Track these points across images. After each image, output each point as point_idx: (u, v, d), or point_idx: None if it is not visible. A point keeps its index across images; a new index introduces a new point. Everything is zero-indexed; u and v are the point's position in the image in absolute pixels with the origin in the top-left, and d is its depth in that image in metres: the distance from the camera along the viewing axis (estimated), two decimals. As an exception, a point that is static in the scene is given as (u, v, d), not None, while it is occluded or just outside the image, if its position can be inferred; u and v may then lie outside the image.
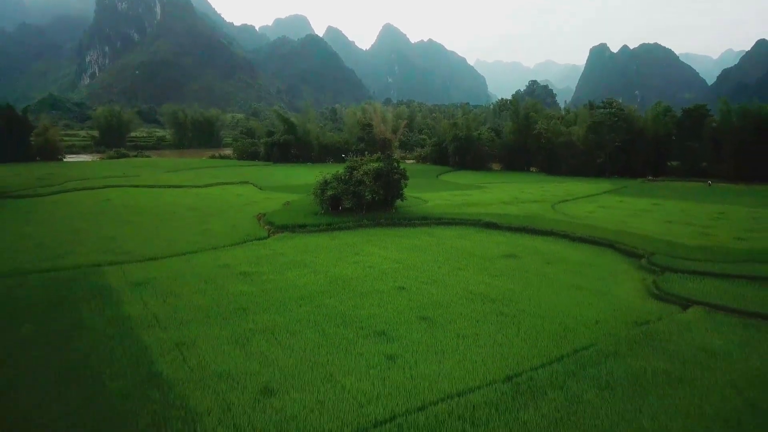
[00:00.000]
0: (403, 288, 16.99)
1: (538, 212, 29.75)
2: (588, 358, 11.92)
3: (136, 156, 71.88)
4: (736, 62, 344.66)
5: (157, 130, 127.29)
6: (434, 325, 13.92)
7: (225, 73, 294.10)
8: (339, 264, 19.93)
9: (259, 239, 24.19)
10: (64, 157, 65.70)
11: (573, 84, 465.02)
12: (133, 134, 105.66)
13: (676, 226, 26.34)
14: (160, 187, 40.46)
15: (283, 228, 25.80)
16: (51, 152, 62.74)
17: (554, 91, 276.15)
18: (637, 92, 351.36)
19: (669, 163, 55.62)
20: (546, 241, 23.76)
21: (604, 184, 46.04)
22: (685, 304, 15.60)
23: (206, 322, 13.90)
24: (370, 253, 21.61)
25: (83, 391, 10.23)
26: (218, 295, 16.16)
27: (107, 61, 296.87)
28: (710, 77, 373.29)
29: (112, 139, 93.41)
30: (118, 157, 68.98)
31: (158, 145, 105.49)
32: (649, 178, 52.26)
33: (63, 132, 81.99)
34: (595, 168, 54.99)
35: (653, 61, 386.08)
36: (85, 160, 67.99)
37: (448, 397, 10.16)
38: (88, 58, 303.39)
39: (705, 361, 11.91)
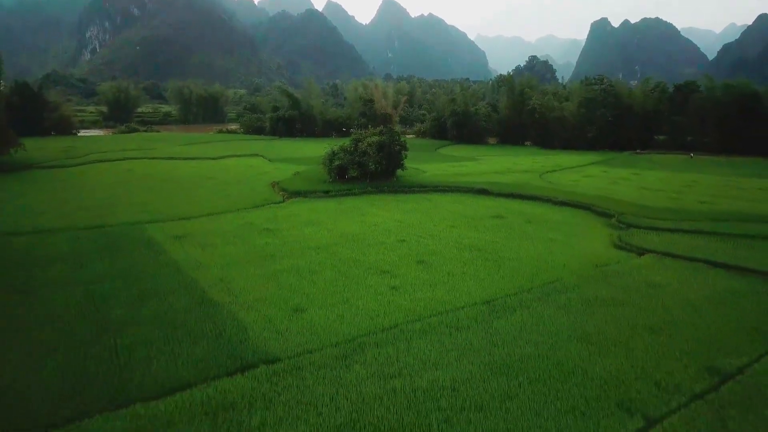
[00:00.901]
0: (404, 240, 19.82)
1: (527, 181, 32.44)
2: (552, 289, 14.79)
3: (146, 131, 74.16)
4: (738, 37, 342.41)
5: (162, 105, 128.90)
6: (429, 266, 16.78)
7: (225, 49, 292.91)
8: (347, 223, 22.73)
9: (275, 203, 26.98)
10: (78, 132, 68.03)
11: (574, 59, 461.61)
12: (139, 110, 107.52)
13: (650, 192, 29.08)
14: (176, 159, 43.06)
15: (296, 194, 28.57)
16: (65, 127, 65.04)
17: (554, 67, 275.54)
18: (637, 67, 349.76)
19: (656, 137, 58.01)
20: (530, 204, 26.53)
21: (592, 157, 48.63)
22: (641, 252, 18.44)
23: (241, 265, 16.74)
24: (374, 215, 24.40)
25: (157, 307, 13.12)
26: (247, 245, 18.99)
27: (108, 37, 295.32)
28: (712, 52, 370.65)
29: (120, 114, 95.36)
30: (129, 132, 71.29)
31: (164, 120, 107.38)
32: (638, 151, 54.73)
33: (73, 108, 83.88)
34: (586, 142, 57.40)
35: (654, 36, 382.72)
36: (98, 134, 70.43)
37: (438, 313, 13.03)
38: (88, 34, 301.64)
39: (646, 290, 14.76)
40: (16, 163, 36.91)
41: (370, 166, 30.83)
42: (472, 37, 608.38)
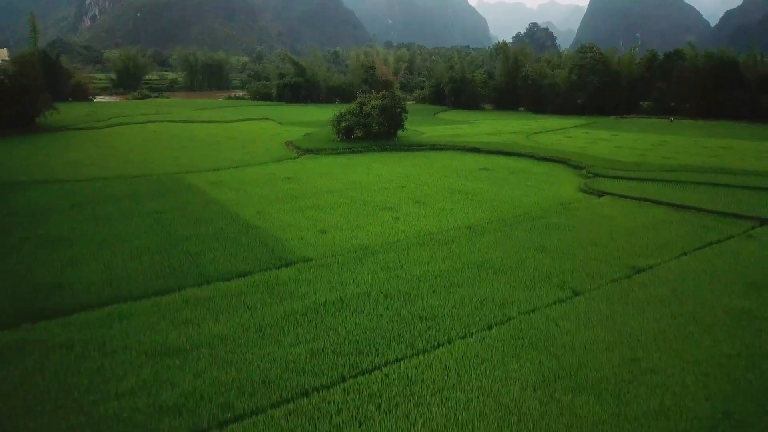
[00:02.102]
0: (404, 187, 23.31)
1: (514, 140, 35.74)
2: (522, 218, 18.36)
3: (157, 97, 76.69)
4: (740, 3, 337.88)
5: (168, 73, 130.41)
6: (424, 205, 20.31)
7: (226, 15, 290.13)
8: (356, 174, 26.18)
9: (291, 158, 30.38)
10: (94, 98, 70.71)
11: (576, 25, 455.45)
12: (146, 77, 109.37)
13: (622, 150, 32.42)
14: (194, 122, 46.16)
15: (309, 151, 31.93)
16: (82, 93, 67.71)
17: (556, 34, 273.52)
18: (638, 35, 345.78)
19: (642, 103, 60.84)
20: (515, 159, 29.95)
21: (578, 120, 51.66)
22: (601, 194, 21.94)
23: (271, 203, 20.25)
24: (378, 168, 27.83)
25: (212, 229, 16.69)
26: (273, 189, 22.49)
27: (107, 3, 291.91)
28: (715, 18, 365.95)
29: (129, 81, 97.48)
30: (142, 98, 73.91)
31: (171, 87, 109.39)
32: (623, 116, 57.67)
33: (87, 75, 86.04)
34: (576, 107, 60.25)
35: (657, 2, 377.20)
36: (114, 100, 73.10)
37: (430, 233, 16.59)
38: (87, 0, 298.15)
39: (597, 220, 18.33)
40: (50, 125, 40.07)
41: (374, 127, 34.09)
42: (473, 3, 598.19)
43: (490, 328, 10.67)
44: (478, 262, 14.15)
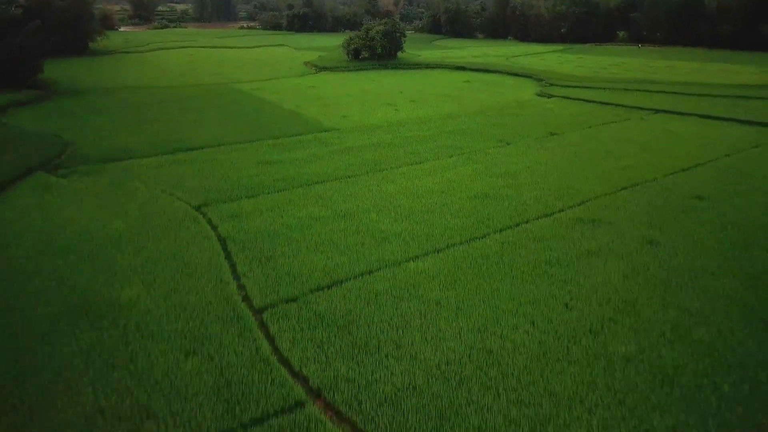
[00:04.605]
0: (402, 92, 29.60)
1: (495, 62, 41.43)
2: (486, 110, 24.87)
3: (176, 27, 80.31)
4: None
5: (176, 4, 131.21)
6: (417, 103, 26.74)
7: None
8: (363, 84, 32.31)
9: (310, 74, 36.33)
10: (120, 27, 74.65)
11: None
12: (158, 8, 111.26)
13: (581, 69, 38.26)
14: (220, 48, 51.30)
15: (324, 69, 37.81)
16: (109, 23, 71.55)
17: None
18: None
19: (618, 33, 65.23)
20: (492, 75, 35.92)
21: (556, 47, 56.69)
22: (550, 96, 28.30)
23: (303, 102, 26.58)
24: (382, 80, 33.90)
25: (267, 115, 23.27)
26: (302, 94, 28.78)
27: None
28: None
29: (143, 13, 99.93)
30: (162, 28, 77.71)
31: (182, 18, 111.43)
32: (600, 43, 62.35)
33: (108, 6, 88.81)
34: (559, 36, 64.69)
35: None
36: (138, 30, 77.00)
37: (419, 119, 23.11)
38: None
39: (539, 111, 24.82)
40: (101, 50, 45.48)
41: (378, 49, 39.71)
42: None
43: (451, 156, 17.55)
44: (450, 131, 20.88)
